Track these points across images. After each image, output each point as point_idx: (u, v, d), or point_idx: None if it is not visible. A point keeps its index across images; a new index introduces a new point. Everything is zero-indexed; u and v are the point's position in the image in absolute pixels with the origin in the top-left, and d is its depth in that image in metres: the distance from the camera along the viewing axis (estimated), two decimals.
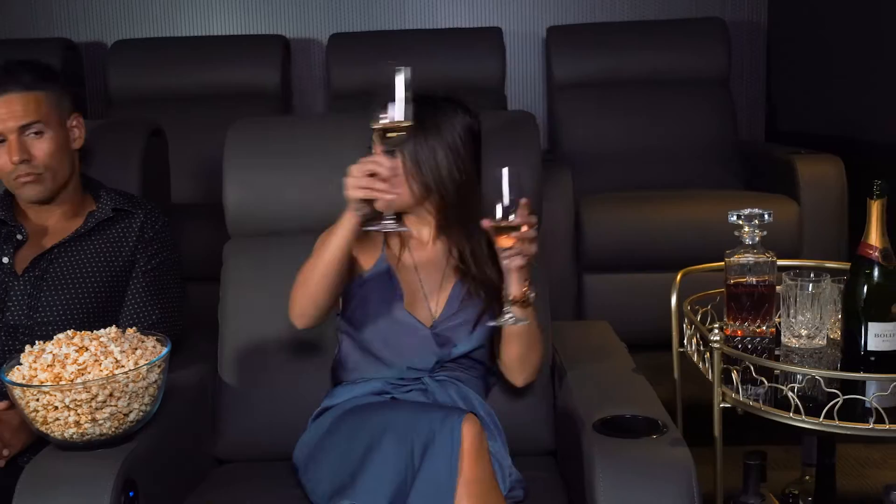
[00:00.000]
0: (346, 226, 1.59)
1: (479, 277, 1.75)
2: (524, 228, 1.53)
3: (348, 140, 1.86)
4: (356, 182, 1.53)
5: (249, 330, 1.87)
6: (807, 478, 1.89)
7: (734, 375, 1.55)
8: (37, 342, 1.48)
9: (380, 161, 1.53)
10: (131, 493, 1.42)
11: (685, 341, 1.81)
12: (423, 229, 1.80)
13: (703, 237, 2.92)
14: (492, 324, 1.67)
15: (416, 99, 1.71)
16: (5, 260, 1.78)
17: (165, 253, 1.86)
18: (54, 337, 1.49)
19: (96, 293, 1.77)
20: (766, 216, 1.76)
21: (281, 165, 1.96)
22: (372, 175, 1.52)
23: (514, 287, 1.61)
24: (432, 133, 1.72)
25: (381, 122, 1.50)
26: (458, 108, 1.77)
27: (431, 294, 1.77)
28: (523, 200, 1.51)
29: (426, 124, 1.71)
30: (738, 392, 1.54)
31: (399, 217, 1.68)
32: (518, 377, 1.75)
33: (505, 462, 1.61)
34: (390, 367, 1.72)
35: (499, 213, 1.52)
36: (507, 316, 1.61)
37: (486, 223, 1.54)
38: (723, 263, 1.79)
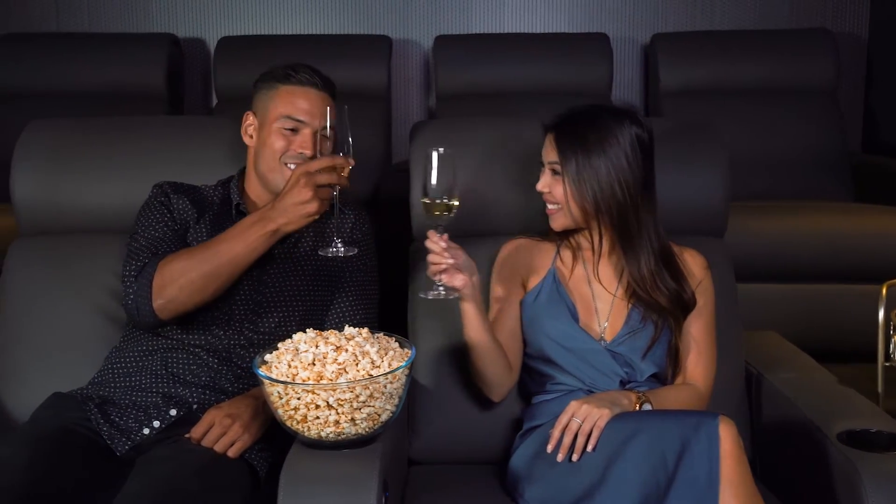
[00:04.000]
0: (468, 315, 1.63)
1: (648, 301, 1.67)
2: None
3: (525, 140, 1.88)
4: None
5: (441, 330, 1.86)
6: None
7: None
8: (289, 339, 1.48)
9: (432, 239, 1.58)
10: (386, 494, 1.42)
11: (892, 354, 1.81)
12: (596, 240, 1.71)
13: (837, 249, 2.93)
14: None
15: (578, 112, 1.68)
16: None
17: (371, 254, 1.85)
18: (294, 336, 1.49)
19: (313, 288, 1.77)
20: None
21: (460, 166, 1.95)
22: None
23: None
24: (595, 151, 1.63)
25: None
26: (624, 120, 1.66)
27: (603, 310, 1.71)
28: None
29: (589, 141, 1.63)
30: None
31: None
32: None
33: None
34: (576, 380, 1.69)
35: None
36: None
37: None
38: None
